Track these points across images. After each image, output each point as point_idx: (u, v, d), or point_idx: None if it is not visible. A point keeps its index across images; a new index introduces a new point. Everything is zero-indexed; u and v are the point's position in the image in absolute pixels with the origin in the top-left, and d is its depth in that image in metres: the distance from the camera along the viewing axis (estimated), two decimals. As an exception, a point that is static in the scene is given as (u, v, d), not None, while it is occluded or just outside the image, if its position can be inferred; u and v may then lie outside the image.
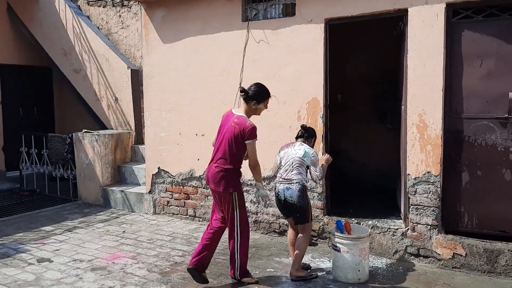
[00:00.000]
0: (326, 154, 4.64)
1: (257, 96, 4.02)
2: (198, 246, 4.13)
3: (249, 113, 4.06)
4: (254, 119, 4.07)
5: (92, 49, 8.22)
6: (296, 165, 4.24)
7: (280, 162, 4.38)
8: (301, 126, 4.54)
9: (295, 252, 4.25)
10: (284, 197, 4.22)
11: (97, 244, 5.30)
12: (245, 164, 4.11)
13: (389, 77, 6.44)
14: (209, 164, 4.13)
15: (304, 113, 5.26)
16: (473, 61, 4.38)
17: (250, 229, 5.65)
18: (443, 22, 4.41)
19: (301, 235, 4.26)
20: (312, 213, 4.55)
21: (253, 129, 3.91)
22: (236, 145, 3.94)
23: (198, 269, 4.04)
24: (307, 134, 4.48)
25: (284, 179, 4.26)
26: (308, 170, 4.35)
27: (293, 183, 4.20)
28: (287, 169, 4.27)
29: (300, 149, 4.30)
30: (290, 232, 4.48)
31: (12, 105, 9.21)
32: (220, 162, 4.00)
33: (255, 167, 4.03)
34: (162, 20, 6.26)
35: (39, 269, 4.55)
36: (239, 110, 4.11)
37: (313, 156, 4.30)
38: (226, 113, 4.18)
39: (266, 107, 4.13)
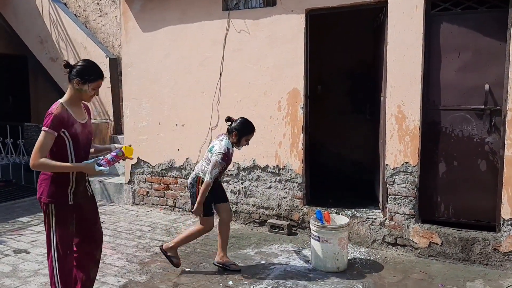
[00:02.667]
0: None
1: (81, 73, 2.98)
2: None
3: (72, 98, 3.03)
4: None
5: (69, 37, 8.05)
6: (204, 157, 4.19)
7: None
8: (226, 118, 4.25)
9: (184, 234, 4.24)
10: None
11: (75, 235, 5.23)
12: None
13: (367, 69, 6.49)
14: None
15: (285, 104, 5.27)
16: (451, 53, 4.44)
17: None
18: (422, 14, 4.45)
19: (201, 226, 4.15)
20: (207, 210, 4.08)
21: (49, 116, 2.88)
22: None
23: None
24: (229, 128, 4.17)
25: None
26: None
27: (192, 171, 4.34)
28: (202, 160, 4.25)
29: (213, 144, 4.13)
30: None
31: (-14, 94, 9.00)
32: None
33: (33, 165, 2.86)
34: (141, 8, 6.16)
35: (16, 260, 4.47)
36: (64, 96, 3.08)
37: (216, 154, 3.98)
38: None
39: (96, 93, 3.09)
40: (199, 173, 4.11)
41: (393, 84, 4.64)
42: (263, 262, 4.45)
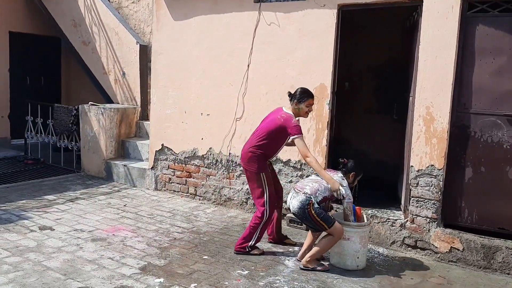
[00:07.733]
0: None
1: (297, 96, 4.35)
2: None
3: (294, 113, 4.36)
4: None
5: (102, 22, 8.17)
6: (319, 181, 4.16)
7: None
8: (340, 161, 4.38)
9: (316, 247, 4.14)
10: (289, 205, 4.24)
11: (98, 215, 5.35)
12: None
13: (396, 68, 6.38)
14: (245, 144, 4.55)
15: (311, 99, 5.23)
16: (485, 56, 4.34)
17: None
18: (458, 15, 4.35)
19: (330, 236, 4.12)
20: (330, 218, 4.08)
21: (297, 125, 4.24)
22: (275, 135, 4.32)
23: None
24: (344, 169, 4.31)
25: (296, 189, 4.22)
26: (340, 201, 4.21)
27: (300, 193, 4.12)
28: (308, 181, 4.25)
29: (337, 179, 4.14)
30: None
31: (20, 73, 9.22)
32: (255, 146, 4.38)
33: (310, 161, 4.16)
34: (174, -4, 6.21)
35: (41, 236, 4.61)
36: (288, 109, 4.40)
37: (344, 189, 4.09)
38: (276, 108, 4.55)
39: (310, 109, 4.40)
40: (310, 196, 4.06)
41: (423, 85, 4.56)
42: (280, 255, 4.47)
